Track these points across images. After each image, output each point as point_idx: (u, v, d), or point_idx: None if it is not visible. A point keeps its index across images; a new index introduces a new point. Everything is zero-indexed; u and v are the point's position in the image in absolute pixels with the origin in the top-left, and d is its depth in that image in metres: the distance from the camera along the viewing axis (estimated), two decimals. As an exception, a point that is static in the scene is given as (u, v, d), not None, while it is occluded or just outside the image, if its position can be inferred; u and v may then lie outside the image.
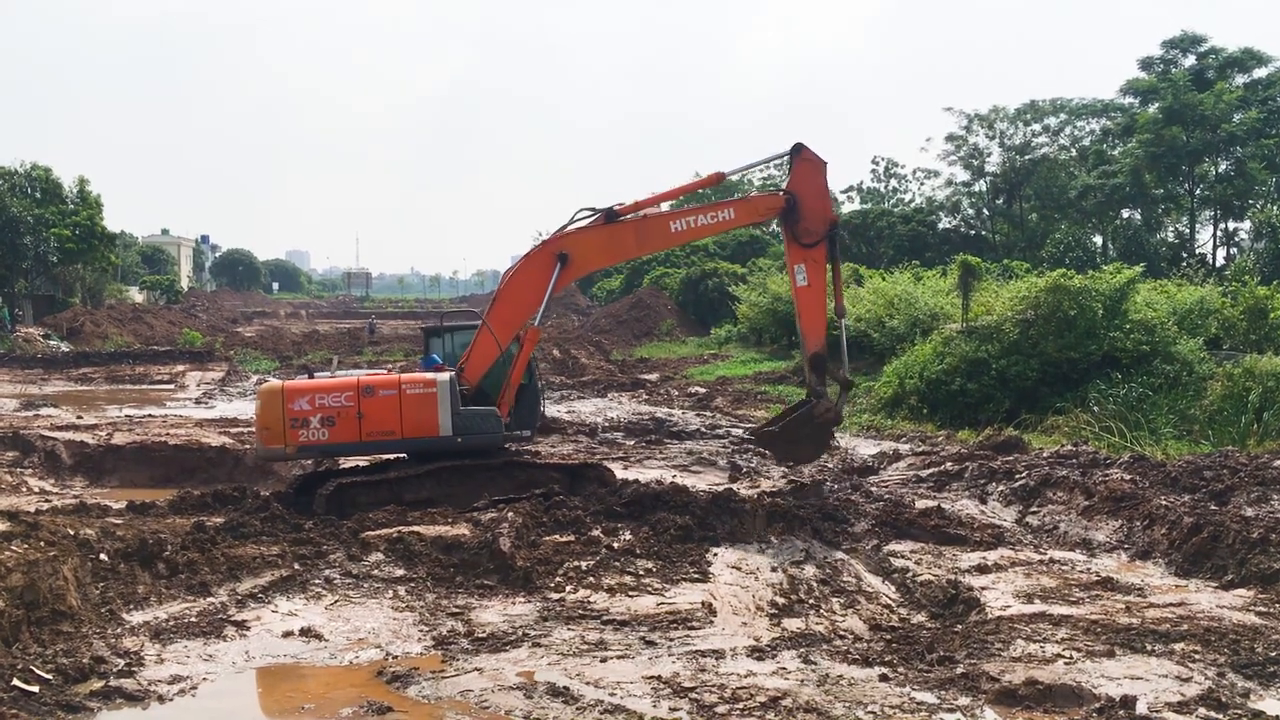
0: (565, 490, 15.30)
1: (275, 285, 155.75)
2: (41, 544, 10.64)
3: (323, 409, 14.94)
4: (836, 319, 17.46)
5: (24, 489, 17.45)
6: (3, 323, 52.14)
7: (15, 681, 8.27)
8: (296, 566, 11.90)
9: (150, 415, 26.01)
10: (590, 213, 16.80)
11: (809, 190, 17.26)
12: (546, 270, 16.28)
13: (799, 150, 17.19)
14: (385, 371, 17.18)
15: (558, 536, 13.15)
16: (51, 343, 49.06)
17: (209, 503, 15.23)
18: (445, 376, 15.56)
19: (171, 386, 36.38)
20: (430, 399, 15.25)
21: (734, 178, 17.42)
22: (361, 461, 16.79)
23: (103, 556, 11.20)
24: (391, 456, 16.07)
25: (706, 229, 17.69)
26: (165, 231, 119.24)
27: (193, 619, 10.31)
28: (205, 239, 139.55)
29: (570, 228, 16.68)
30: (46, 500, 16.18)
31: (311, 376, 15.77)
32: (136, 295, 79.38)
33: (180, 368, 40.82)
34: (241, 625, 10.23)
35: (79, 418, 25.03)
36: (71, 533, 11.51)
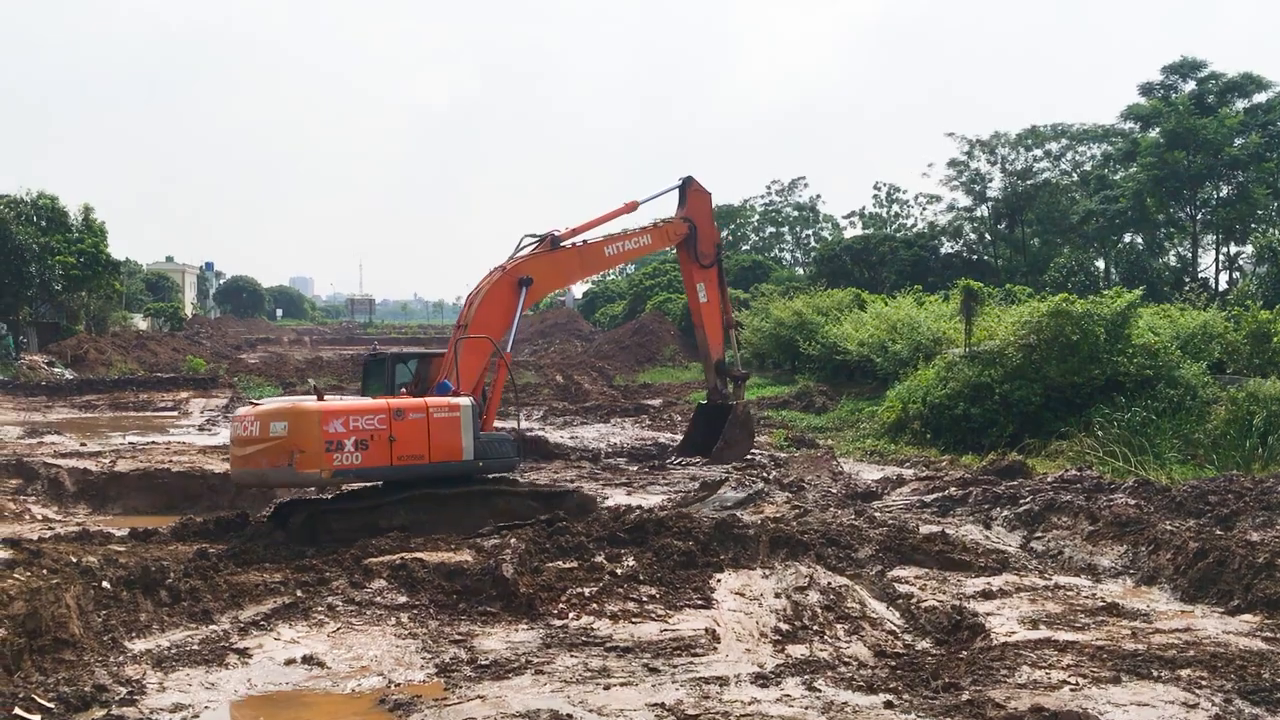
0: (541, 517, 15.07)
1: (279, 312, 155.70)
2: (44, 572, 10.64)
3: (357, 431, 14.14)
4: (726, 328, 20.70)
5: (27, 516, 17.43)
6: (7, 350, 52.29)
7: (17, 710, 8.25)
8: (299, 593, 11.87)
9: (154, 442, 26.01)
10: (534, 239, 18.38)
11: (702, 217, 19.84)
12: (513, 295, 17.48)
13: (689, 182, 19.89)
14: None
15: (561, 563, 13.12)
16: (56, 370, 49.14)
17: (211, 530, 15.12)
18: (468, 401, 15.43)
19: (175, 413, 36.39)
20: (454, 423, 15.06)
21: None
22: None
23: (105, 584, 11.20)
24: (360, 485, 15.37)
25: (633, 252, 20.10)
26: (169, 259, 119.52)
27: (195, 647, 10.28)
28: (209, 266, 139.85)
29: (522, 254, 18.08)
30: (49, 528, 16.15)
31: (321, 398, 15.05)
32: (141, 322, 79.53)
33: (184, 394, 40.84)
34: (244, 653, 10.19)
35: (83, 445, 25.01)
36: (74, 560, 11.51)
